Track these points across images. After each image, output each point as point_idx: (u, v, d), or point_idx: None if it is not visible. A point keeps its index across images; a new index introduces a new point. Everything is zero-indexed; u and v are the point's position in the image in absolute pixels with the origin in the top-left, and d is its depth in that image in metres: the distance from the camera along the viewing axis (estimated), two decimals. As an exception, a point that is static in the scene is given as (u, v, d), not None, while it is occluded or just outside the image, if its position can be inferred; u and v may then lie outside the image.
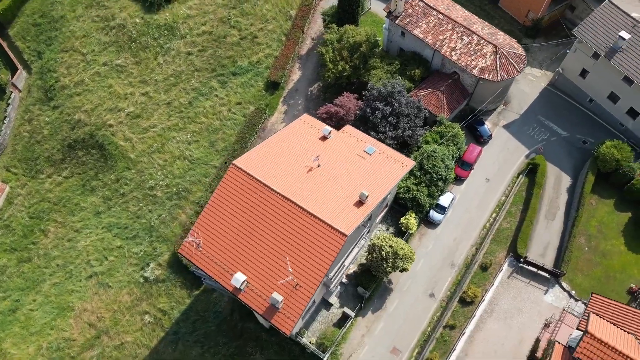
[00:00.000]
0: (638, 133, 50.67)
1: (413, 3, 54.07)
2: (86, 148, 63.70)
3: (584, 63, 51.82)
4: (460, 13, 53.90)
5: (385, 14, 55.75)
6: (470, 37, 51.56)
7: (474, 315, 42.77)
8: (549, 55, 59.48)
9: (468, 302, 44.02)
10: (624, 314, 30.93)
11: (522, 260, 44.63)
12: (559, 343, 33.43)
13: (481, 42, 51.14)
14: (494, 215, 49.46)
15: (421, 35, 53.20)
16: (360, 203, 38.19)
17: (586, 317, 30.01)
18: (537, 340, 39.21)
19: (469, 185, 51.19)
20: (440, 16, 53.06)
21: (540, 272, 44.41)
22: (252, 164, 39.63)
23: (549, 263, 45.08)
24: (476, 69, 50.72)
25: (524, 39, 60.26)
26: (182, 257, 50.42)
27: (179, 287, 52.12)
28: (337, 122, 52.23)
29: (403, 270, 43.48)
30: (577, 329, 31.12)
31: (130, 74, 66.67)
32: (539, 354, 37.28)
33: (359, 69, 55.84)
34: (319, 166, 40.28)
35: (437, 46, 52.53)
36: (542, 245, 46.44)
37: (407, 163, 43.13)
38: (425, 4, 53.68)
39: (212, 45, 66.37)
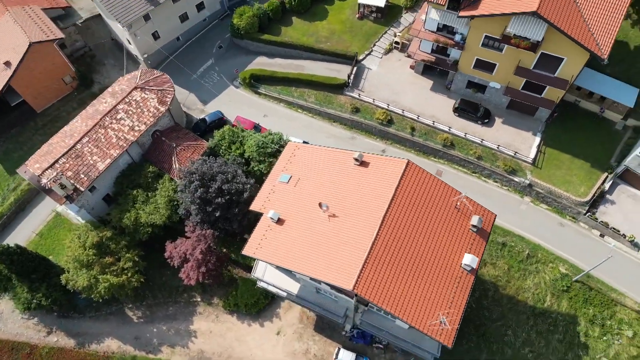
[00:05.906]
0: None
1: (64, 165, 44.33)
2: None
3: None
4: (79, 121, 47.97)
5: (59, 208, 44.26)
6: (120, 110, 47.57)
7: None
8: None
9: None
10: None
11: (347, 84, 54.37)
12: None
13: (126, 100, 48.30)
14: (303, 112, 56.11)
15: (109, 160, 45.98)
16: (364, 162, 38.70)
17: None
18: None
19: (276, 126, 53.44)
20: (85, 139, 46.42)
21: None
22: (354, 269, 33.75)
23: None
24: (159, 109, 48.74)
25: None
26: None
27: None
28: (215, 256, 44.85)
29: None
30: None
31: None
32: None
33: (131, 244, 46.45)
34: (328, 208, 37.38)
35: (124, 147, 46.64)
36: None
37: (297, 143, 43.43)
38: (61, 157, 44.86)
39: None
